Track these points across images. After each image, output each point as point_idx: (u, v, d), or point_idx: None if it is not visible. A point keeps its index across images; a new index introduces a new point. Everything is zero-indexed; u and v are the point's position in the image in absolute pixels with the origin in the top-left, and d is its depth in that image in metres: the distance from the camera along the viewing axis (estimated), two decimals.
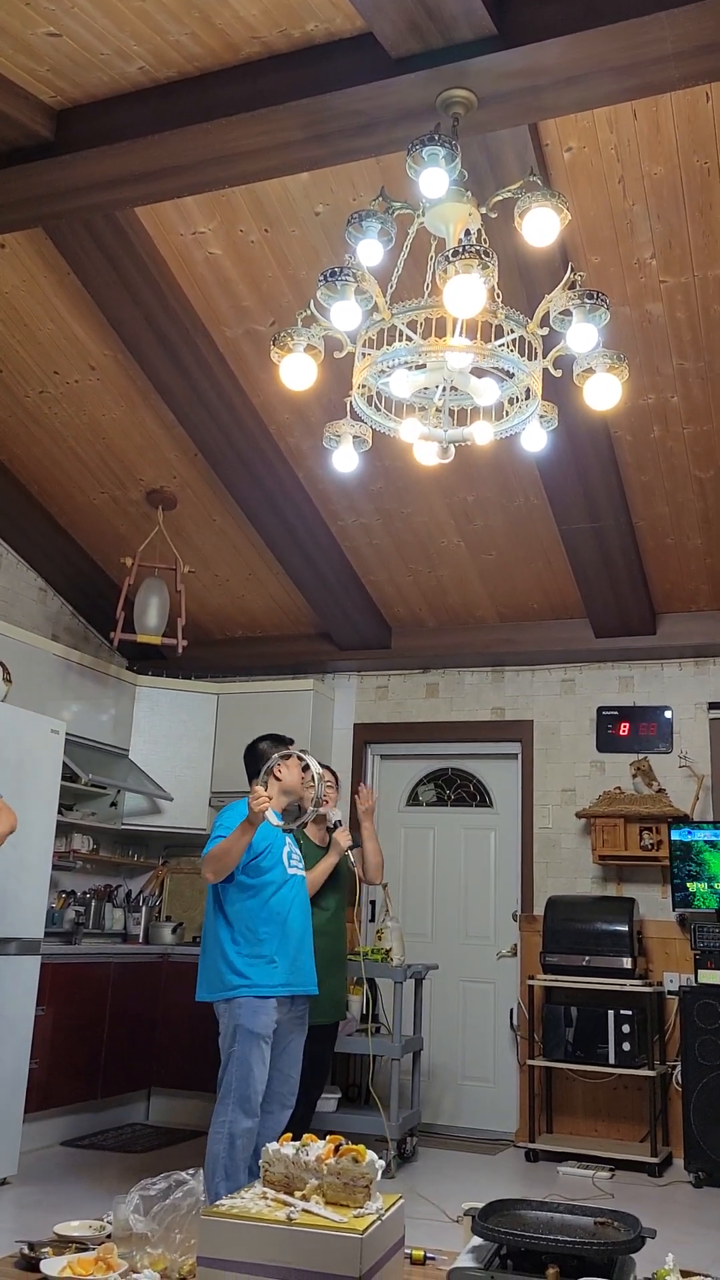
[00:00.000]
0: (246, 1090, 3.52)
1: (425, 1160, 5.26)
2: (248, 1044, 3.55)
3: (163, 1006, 5.97)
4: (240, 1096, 3.51)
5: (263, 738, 4.07)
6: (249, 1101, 3.52)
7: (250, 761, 4.02)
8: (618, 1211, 2.33)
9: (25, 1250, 2.24)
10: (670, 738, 5.96)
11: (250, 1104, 3.53)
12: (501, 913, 6.23)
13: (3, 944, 4.51)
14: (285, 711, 6.38)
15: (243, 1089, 3.52)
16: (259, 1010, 3.58)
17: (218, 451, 5.12)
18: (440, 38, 3.03)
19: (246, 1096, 3.52)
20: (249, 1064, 3.54)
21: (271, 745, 4.00)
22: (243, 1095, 3.52)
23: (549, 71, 3.07)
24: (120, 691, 6.32)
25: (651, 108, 3.44)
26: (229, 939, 3.66)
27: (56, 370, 4.89)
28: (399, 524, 5.58)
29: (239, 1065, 3.54)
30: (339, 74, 3.23)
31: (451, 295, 2.63)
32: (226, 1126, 3.49)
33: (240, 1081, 3.52)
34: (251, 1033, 3.55)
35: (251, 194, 3.91)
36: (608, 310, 2.85)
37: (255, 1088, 3.54)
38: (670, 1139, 5.42)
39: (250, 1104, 3.53)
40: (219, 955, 3.65)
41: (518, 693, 6.37)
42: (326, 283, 2.84)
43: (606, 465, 4.86)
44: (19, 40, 3.30)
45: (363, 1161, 2.20)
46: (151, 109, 3.50)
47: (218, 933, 3.69)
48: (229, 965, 3.62)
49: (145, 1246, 2.18)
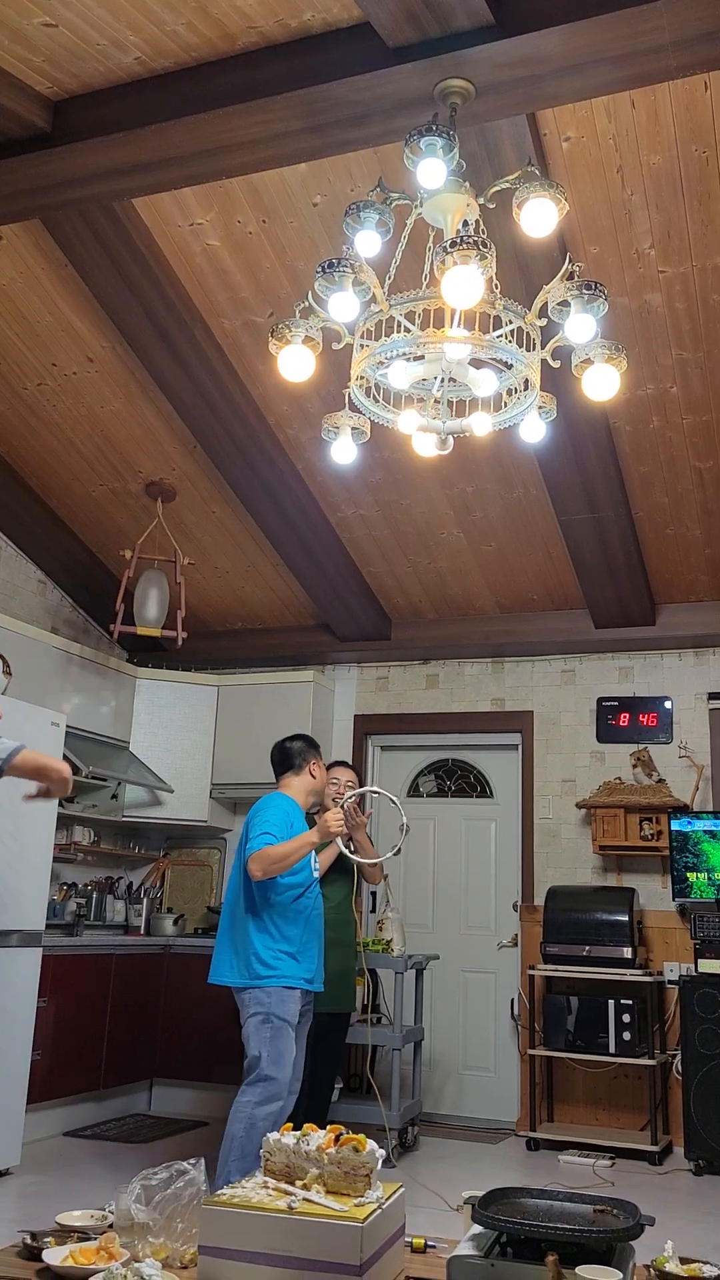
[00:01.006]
0: (279, 1076, 3.62)
1: (426, 1149, 5.28)
2: (280, 1030, 3.65)
3: (164, 998, 5.99)
4: (270, 1081, 3.60)
5: (297, 737, 4.17)
6: (277, 1086, 3.61)
7: (283, 758, 4.10)
8: (617, 1199, 2.34)
9: (28, 1240, 2.25)
10: (670, 728, 5.97)
11: (279, 1089, 3.62)
12: (502, 903, 6.25)
13: (4, 936, 4.52)
14: (285, 703, 6.39)
15: (276, 1074, 3.61)
16: (288, 999, 3.69)
17: (216, 443, 5.12)
18: (438, 27, 3.02)
19: (277, 1082, 3.61)
20: (280, 1050, 3.64)
21: (305, 747, 4.12)
22: (272, 1080, 3.61)
23: (547, 61, 3.06)
24: (120, 684, 6.33)
25: (650, 97, 3.43)
26: (259, 933, 3.75)
27: (54, 362, 4.89)
28: (398, 515, 5.58)
29: (272, 1052, 3.62)
30: (336, 64, 3.22)
31: (450, 286, 2.63)
32: (249, 1108, 3.57)
33: (273, 1068, 3.61)
34: (284, 1019, 3.66)
35: (249, 185, 3.90)
36: (606, 301, 2.84)
37: (285, 1074, 3.64)
38: (670, 1127, 5.45)
39: (279, 1089, 3.62)
40: (248, 947, 3.74)
41: (518, 683, 6.38)
42: (324, 274, 2.83)
43: (605, 456, 4.86)
44: (15, 31, 3.29)
45: (363, 1151, 2.21)
46: (148, 99, 3.49)
47: (247, 926, 3.77)
48: (259, 958, 3.72)
49: (147, 1236, 2.19)
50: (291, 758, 4.07)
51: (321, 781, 4.12)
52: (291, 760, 4.06)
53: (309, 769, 4.06)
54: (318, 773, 4.09)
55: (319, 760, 4.12)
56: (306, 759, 4.06)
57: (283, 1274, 1.99)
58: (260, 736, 6.27)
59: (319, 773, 4.10)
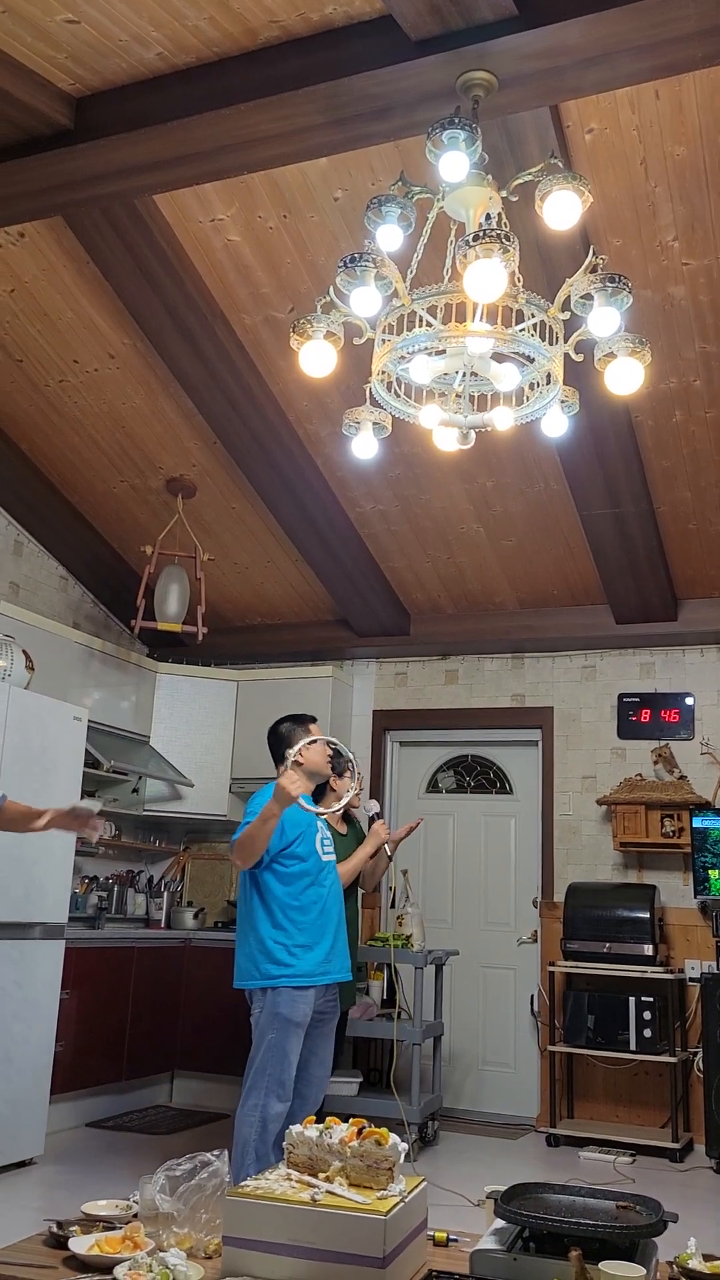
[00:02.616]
0: (281, 1076, 3.57)
1: (446, 1144, 5.28)
2: (285, 1032, 3.59)
3: (185, 990, 6.02)
4: (275, 1082, 3.56)
5: (284, 719, 4.05)
6: (283, 1087, 3.57)
7: (274, 744, 4.00)
8: (640, 1196, 2.34)
9: (54, 1228, 2.27)
10: (692, 724, 5.94)
11: (284, 1089, 3.57)
12: (522, 899, 6.24)
13: (28, 929, 4.55)
14: (304, 698, 6.39)
15: (277, 1075, 3.56)
16: (297, 999, 3.61)
17: (237, 439, 5.12)
18: (460, 19, 3.01)
19: (281, 1082, 3.56)
20: (284, 1050, 3.58)
21: (292, 725, 3.99)
22: (277, 1081, 3.56)
23: (570, 52, 3.04)
24: (141, 679, 6.35)
25: (674, 87, 3.41)
26: (267, 927, 3.68)
27: (76, 359, 4.90)
28: (418, 510, 5.57)
29: (274, 1051, 3.57)
30: (358, 57, 3.21)
31: (472, 280, 2.62)
32: (259, 1110, 3.53)
33: (275, 1067, 3.56)
34: (289, 1021, 3.59)
35: (270, 180, 3.90)
36: (630, 294, 2.83)
37: (289, 1074, 3.59)
38: (691, 1125, 5.43)
39: (284, 1089, 3.57)
40: (256, 944, 3.68)
41: (538, 679, 6.36)
42: (346, 268, 2.83)
43: (627, 450, 4.83)
44: (37, 28, 3.30)
45: (386, 1144, 2.21)
46: (170, 95, 3.49)
47: (254, 921, 3.70)
48: (266, 954, 3.64)
49: (171, 1226, 2.20)
50: (281, 744, 3.91)
51: (316, 762, 3.90)
52: (281, 747, 3.89)
53: (299, 755, 3.80)
54: (306, 753, 3.84)
55: (312, 744, 3.86)
56: (292, 743, 3.83)
57: (306, 1265, 2.00)
58: None
59: (307, 753, 3.84)
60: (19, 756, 4.56)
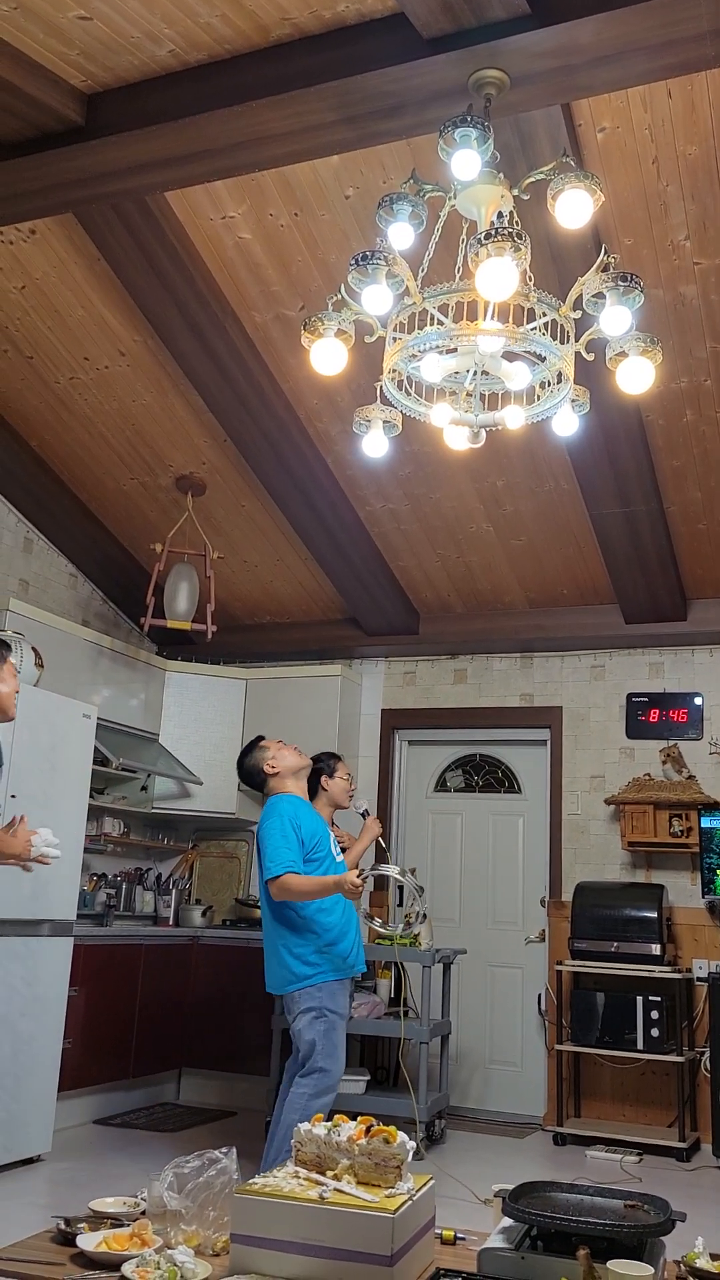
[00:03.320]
0: (334, 1068, 3.66)
1: (454, 1143, 5.28)
2: (333, 1023, 3.69)
3: (193, 988, 6.02)
4: (326, 1075, 3.65)
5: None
6: (331, 1078, 3.66)
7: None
8: (647, 1195, 2.34)
9: (61, 1225, 2.27)
10: (700, 724, 5.93)
11: (332, 1082, 3.67)
12: (530, 898, 6.24)
13: (36, 925, 4.56)
14: (313, 697, 6.40)
15: (330, 1067, 3.65)
16: (337, 992, 3.73)
17: (247, 437, 5.13)
18: (473, 17, 3.00)
19: (331, 1074, 3.66)
20: (335, 1043, 3.68)
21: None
22: (329, 1074, 3.65)
23: (582, 50, 3.03)
24: (150, 676, 6.36)
25: (686, 86, 3.40)
26: (296, 931, 3.75)
27: (87, 356, 4.91)
28: (427, 509, 5.57)
29: (326, 1044, 3.66)
30: (370, 55, 3.21)
31: (483, 278, 2.62)
32: (305, 1100, 3.61)
33: (328, 1060, 3.65)
34: (336, 1013, 3.70)
35: (281, 177, 3.90)
36: (642, 293, 2.82)
37: (340, 1066, 3.69)
38: (699, 1124, 5.42)
39: (332, 1082, 3.67)
40: (286, 950, 3.75)
41: (547, 679, 6.35)
42: (357, 266, 2.83)
43: (638, 449, 4.82)
44: (49, 24, 3.31)
45: (394, 1142, 2.21)
46: (182, 92, 3.49)
47: (284, 927, 3.77)
48: (298, 957, 3.72)
49: (179, 1223, 2.20)
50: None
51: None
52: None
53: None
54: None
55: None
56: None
57: (314, 1263, 2.00)
58: (288, 730, 6.28)
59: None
60: (28, 754, 4.57)
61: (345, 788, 4.44)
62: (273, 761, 4.00)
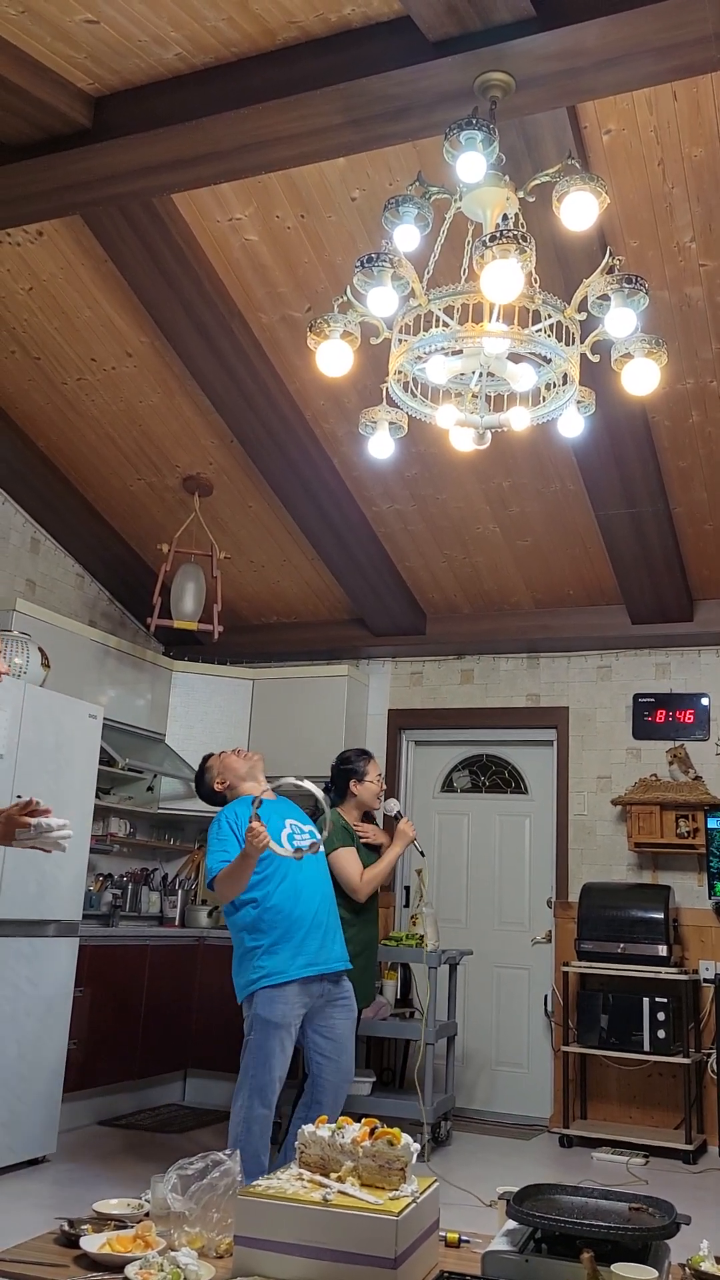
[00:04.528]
0: (263, 1079, 3.51)
1: (459, 1144, 5.28)
2: (264, 1033, 3.53)
3: (199, 988, 6.03)
4: (256, 1086, 3.51)
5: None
6: (264, 1091, 3.51)
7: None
8: (652, 1197, 2.33)
9: (65, 1227, 2.28)
10: (707, 725, 5.92)
11: (266, 1094, 3.51)
12: (536, 899, 6.23)
13: (41, 926, 4.57)
14: (320, 697, 6.40)
15: (260, 1078, 3.51)
16: (274, 999, 3.54)
17: (254, 438, 5.13)
18: (478, 20, 3.00)
19: (262, 1086, 3.51)
20: (266, 1053, 3.52)
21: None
22: (259, 1085, 3.51)
23: (588, 53, 3.03)
24: (156, 677, 6.37)
25: (692, 89, 3.39)
26: (245, 935, 3.66)
27: (94, 357, 4.92)
28: (434, 510, 5.57)
29: (255, 1054, 3.54)
30: (376, 58, 3.21)
31: (489, 280, 2.62)
32: (243, 1113, 3.51)
33: (258, 1070, 3.51)
34: (268, 1022, 3.53)
35: (288, 180, 3.90)
36: (646, 295, 2.82)
37: (273, 1076, 3.52)
38: (705, 1126, 5.41)
39: (266, 1094, 3.51)
40: (240, 955, 3.69)
41: (553, 679, 6.35)
42: (363, 268, 2.83)
43: (644, 451, 4.82)
44: (57, 27, 3.32)
45: (398, 1145, 2.21)
46: (188, 95, 3.50)
47: (236, 933, 3.71)
48: (249, 962, 3.63)
49: (183, 1225, 2.21)
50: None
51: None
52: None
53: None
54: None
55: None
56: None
57: (318, 1265, 2.00)
58: (295, 730, 6.30)
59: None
60: (34, 754, 4.58)
61: (375, 791, 4.38)
62: (220, 777, 3.95)
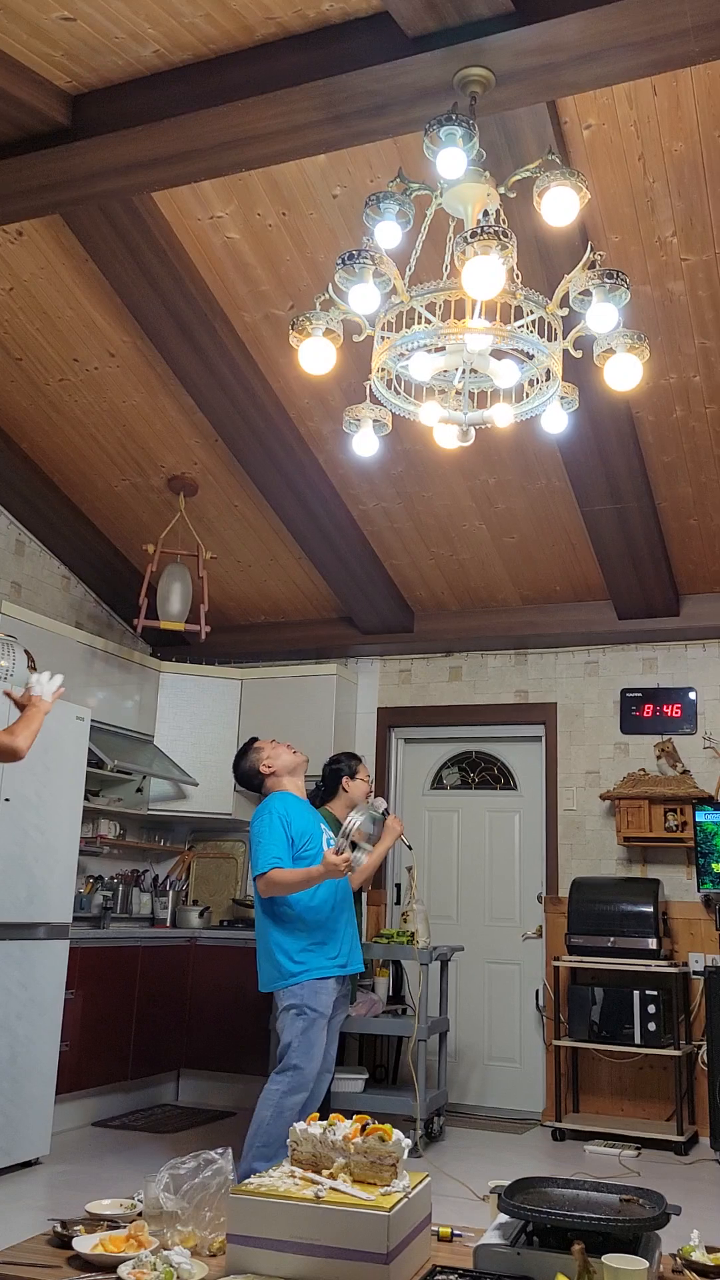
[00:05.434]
0: (307, 1066, 3.64)
1: (452, 1140, 5.29)
2: (312, 1022, 3.66)
3: (191, 989, 6.02)
4: (299, 1072, 3.63)
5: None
6: (305, 1076, 3.63)
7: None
8: (643, 1189, 2.34)
9: (58, 1228, 2.27)
10: (694, 719, 5.94)
11: (306, 1080, 3.64)
12: (526, 894, 6.24)
13: (32, 929, 4.56)
14: (308, 696, 6.40)
15: (304, 1065, 3.63)
16: (320, 990, 3.70)
17: (238, 437, 5.13)
18: (457, 15, 3.00)
19: (305, 1072, 3.64)
20: (311, 1041, 3.65)
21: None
22: (302, 1071, 3.63)
23: (567, 48, 3.03)
24: (144, 678, 6.36)
25: (671, 83, 3.40)
26: (284, 928, 3.75)
27: (76, 357, 4.91)
28: (420, 507, 5.57)
29: (303, 1042, 3.64)
30: (355, 54, 3.21)
31: (470, 277, 2.62)
32: (278, 1097, 3.60)
33: (302, 1058, 3.63)
34: (316, 1011, 3.67)
35: (268, 177, 3.90)
36: (628, 290, 2.82)
37: (314, 1065, 3.66)
38: (696, 1118, 5.43)
39: (306, 1080, 3.64)
40: (276, 949, 3.75)
41: (541, 675, 6.36)
42: (345, 266, 2.83)
43: (628, 446, 4.83)
44: (33, 25, 3.30)
45: (389, 1140, 2.22)
46: (167, 93, 3.49)
47: (272, 925, 3.77)
48: (288, 956, 3.72)
49: (175, 1224, 2.21)
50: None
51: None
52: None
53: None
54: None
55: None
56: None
57: (310, 1262, 2.00)
58: (284, 729, 6.29)
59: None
60: None
61: (364, 789, 4.54)
62: (268, 761, 4.01)
